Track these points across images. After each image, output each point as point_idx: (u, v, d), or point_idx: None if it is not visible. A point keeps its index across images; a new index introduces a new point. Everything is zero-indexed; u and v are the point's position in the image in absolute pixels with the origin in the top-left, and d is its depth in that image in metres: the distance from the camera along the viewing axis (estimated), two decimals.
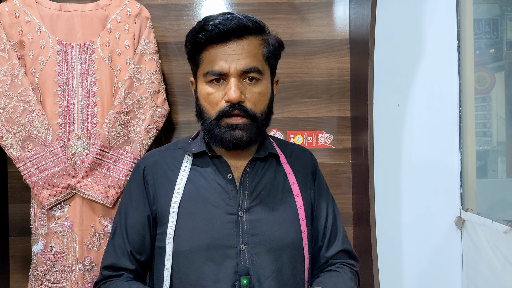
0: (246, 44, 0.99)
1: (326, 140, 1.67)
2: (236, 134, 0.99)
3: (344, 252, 1.12)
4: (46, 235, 1.39)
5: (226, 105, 0.98)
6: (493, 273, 1.52)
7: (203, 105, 1.02)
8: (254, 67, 0.99)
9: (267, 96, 1.04)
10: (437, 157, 1.73)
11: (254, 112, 1.00)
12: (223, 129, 0.99)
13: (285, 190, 1.08)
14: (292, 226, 1.05)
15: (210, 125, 1.01)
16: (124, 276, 1.03)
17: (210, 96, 1.00)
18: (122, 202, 1.10)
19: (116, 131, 1.41)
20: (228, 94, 0.97)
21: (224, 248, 0.99)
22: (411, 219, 1.73)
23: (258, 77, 1.00)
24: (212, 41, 0.98)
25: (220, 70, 0.98)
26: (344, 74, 1.66)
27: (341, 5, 1.66)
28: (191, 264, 1.00)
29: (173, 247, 1.01)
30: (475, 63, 1.75)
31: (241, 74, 0.99)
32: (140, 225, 1.05)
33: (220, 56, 0.98)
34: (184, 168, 1.06)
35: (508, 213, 1.79)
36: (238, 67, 0.98)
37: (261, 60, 1.02)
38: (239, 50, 0.98)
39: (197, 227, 1.01)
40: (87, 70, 1.42)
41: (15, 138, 1.37)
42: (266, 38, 1.04)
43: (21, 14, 1.40)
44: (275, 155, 1.10)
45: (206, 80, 1.00)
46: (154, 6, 1.61)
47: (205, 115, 1.02)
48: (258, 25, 1.01)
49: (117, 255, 1.04)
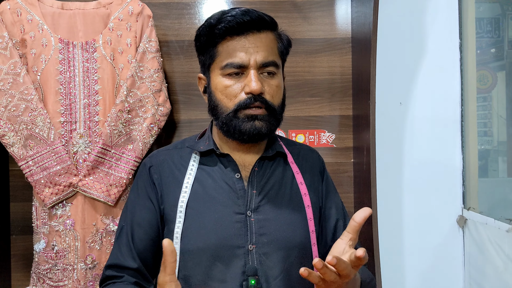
0: (264, 37, 0.99)
1: (328, 139, 1.67)
2: (256, 124, 0.98)
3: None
4: (48, 234, 1.39)
5: (246, 96, 0.97)
6: (495, 272, 1.51)
7: (219, 99, 1.00)
8: (272, 60, 0.99)
9: (282, 89, 1.04)
10: (439, 156, 1.73)
11: (273, 104, 1.00)
12: (243, 120, 0.98)
13: (293, 190, 1.06)
14: (300, 226, 1.03)
15: (228, 118, 0.99)
16: (124, 278, 1.00)
17: (228, 88, 0.99)
18: (129, 200, 1.08)
19: (118, 129, 1.41)
20: (250, 86, 0.96)
21: (232, 248, 0.98)
22: (413, 218, 1.72)
23: (275, 71, 1.00)
24: (231, 33, 0.98)
25: (241, 62, 0.97)
26: (346, 73, 1.66)
27: (343, 3, 1.66)
28: (198, 264, 0.98)
29: (180, 246, 0.99)
30: (477, 62, 1.74)
31: (260, 67, 0.98)
32: (148, 224, 1.03)
33: (240, 48, 0.97)
34: (191, 167, 1.05)
35: (510, 212, 1.79)
36: (258, 60, 0.97)
37: (277, 54, 1.02)
38: (258, 43, 0.98)
39: (204, 227, 0.99)
40: (89, 68, 1.42)
41: (17, 137, 1.37)
42: (279, 34, 1.04)
43: (23, 12, 1.40)
44: (283, 154, 1.09)
45: (224, 73, 0.99)
46: (156, 4, 1.61)
47: (221, 108, 1.00)
48: (273, 20, 1.02)
49: (122, 254, 1.02)
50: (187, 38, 1.62)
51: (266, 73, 0.99)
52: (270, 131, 1.01)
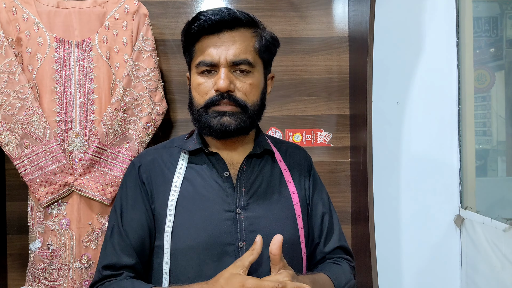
0: (238, 36, 1.01)
1: (325, 138, 1.67)
2: (224, 120, 0.99)
3: (340, 249, 1.13)
4: (44, 233, 1.39)
5: (215, 94, 0.99)
6: (492, 272, 1.51)
7: (193, 96, 1.03)
8: (244, 59, 1.00)
9: (259, 88, 1.04)
10: (437, 155, 1.72)
11: (245, 101, 1.01)
12: (211, 116, 1.00)
13: (281, 187, 1.08)
14: (289, 223, 1.05)
15: (199, 113, 1.02)
16: (124, 275, 1.01)
17: (201, 86, 1.01)
18: (117, 200, 1.08)
19: (114, 128, 1.40)
20: (217, 83, 0.98)
21: (223, 245, 0.99)
22: (410, 217, 1.72)
23: (249, 69, 1.01)
24: (205, 32, 1.00)
25: (211, 60, 0.99)
26: (343, 72, 1.65)
27: (340, 2, 1.65)
28: (189, 262, 0.99)
29: (171, 245, 1.00)
30: (475, 62, 1.74)
31: (232, 65, 0.99)
32: (137, 224, 1.03)
33: (211, 47, 0.99)
34: (181, 166, 1.06)
35: (507, 211, 1.78)
36: (228, 58, 0.99)
37: (252, 52, 1.02)
38: (230, 42, 0.99)
39: (195, 225, 1.00)
40: (85, 67, 1.41)
41: (13, 136, 1.37)
42: (258, 32, 1.04)
43: (19, 11, 1.40)
44: (270, 152, 1.10)
45: (198, 71, 1.02)
46: (152, 3, 1.60)
47: (194, 105, 1.03)
48: (250, 18, 1.03)
49: (117, 253, 1.02)
50: None
51: (239, 71, 1.00)
52: (242, 128, 1.01)
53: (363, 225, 1.49)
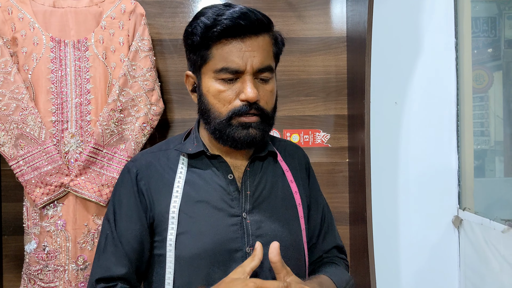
0: (261, 41, 0.95)
1: (323, 138, 1.66)
2: (251, 132, 0.95)
3: (336, 248, 1.12)
4: (39, 234, 1.38)
5: (242, 104, 0.93)
6: (490, 273, 1.51)
7: (211, 103, 0.96)
8: (268, 65, 0.95)
9: (275, 93, 1.01)
10: (435, 156, 1.72)
11: (267, 110, 0.97)
12: (237, 128, 0.94)
13: (284, 188, 1.05)
14: (294, 225, 1.02)
15: (221, 124, 0.95)
16: (118, 286, 0.97)
17: (222, 93, 0.94)
18: (111, 208, 1.02)
19: (110, 129, 1.39)
20: (246, 93, 0.92)
21: (230, 252, 0.95)
22: (408, 218, 1.72)
23: (270, 76, 0.97)
24: (228, 35, 0.93)
25: (237, 68, 0.92)
26: (341, 72, 1.65)
27: (338, 2, 1.65)
28: (196, 270, 0.95)
29: (175, 254, 0.96)
30: (473, 62, 1.74)
31: (255, 73, 0.94)
32: (131, 235, 0.98)
33: (236, 53, 0.92)
34: (181, 170, 1.01)
35: (506, 212, 1.78)
36: (254, 65, 0.93)
37: (272, 58, 0.98)
38: (254, 48, 0.93)
39: (200, 232, 0.96)
40: (81, 67, 1.40)
41: (8, 136, 1.36)
42: (275, 35, 1.00)
43: (14, 10, 1.39)
44: (273, 153, 1.07)
45: (218, 77, 0.94)
46: (149, 3, 1.60)
47: (214, 113, 0.96)
48: (270, 21, 0.97)
49: (110, 265, 0.97)
50: (181, 37, 1.56)
51: (260, 78, 0.96)
52: (263, 138, 0.99)
53: (361, 226, 1.48)
